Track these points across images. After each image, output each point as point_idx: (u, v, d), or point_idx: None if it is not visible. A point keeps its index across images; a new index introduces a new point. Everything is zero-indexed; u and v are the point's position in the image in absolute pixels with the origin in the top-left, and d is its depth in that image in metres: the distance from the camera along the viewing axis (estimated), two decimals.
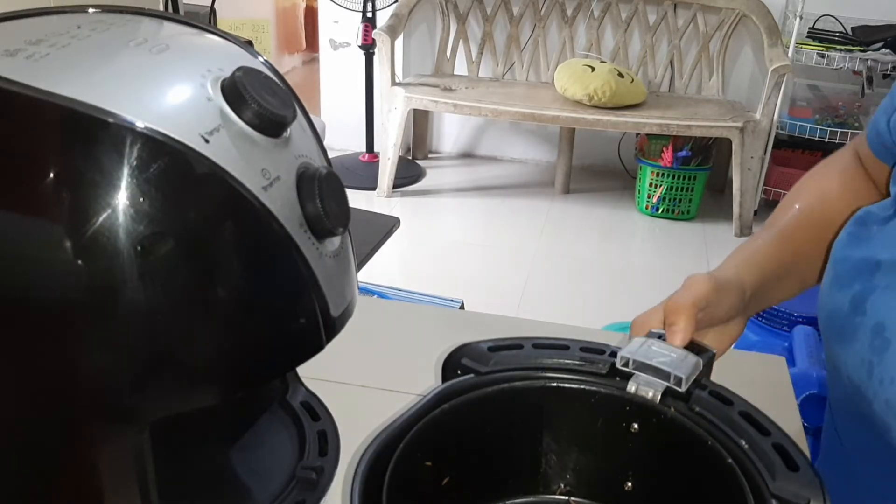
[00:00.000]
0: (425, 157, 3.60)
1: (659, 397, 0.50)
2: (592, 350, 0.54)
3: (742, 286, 0.64)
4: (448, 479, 0.51)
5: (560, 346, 0.54)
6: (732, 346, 0.67)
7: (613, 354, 0.53)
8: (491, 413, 0.52)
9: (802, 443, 0.65)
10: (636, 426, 0.52)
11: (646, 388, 0.51)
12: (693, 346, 0.55)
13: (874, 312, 0.58)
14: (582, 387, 0.52)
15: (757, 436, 0.46)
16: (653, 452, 0.52)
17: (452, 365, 0.53)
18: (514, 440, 0.54)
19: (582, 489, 0.55)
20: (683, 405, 0.50)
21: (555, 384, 0.52)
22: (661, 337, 0.56)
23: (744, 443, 0.46)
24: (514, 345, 0.54)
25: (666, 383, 0.50)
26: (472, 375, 0.52)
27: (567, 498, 0.55)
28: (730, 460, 0.45)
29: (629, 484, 0.54)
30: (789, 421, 0.73)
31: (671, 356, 0.52)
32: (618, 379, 0.52)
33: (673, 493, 0.51)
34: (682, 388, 0.50)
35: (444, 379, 0.53)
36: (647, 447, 0.52)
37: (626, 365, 0.52)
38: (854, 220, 0.65)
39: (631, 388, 0.51)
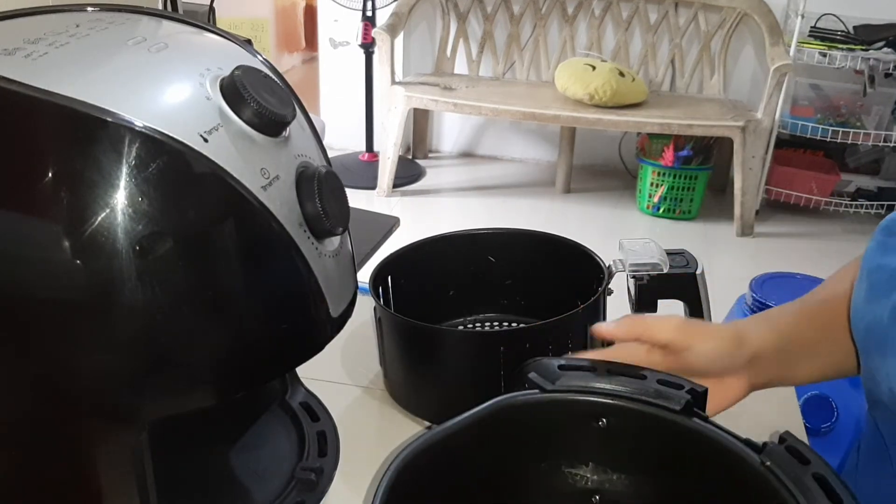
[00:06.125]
0: (425, 157, 3.60)
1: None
2: (670, 384, 0.50)
3: (739, 336, 0.61)
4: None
5: (635, 375, 0.51)
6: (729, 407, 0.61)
7: (692, 391, 0.49)
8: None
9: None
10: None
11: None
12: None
13: None
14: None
15: None
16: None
17: (520, 377, 0.51)
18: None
19: None
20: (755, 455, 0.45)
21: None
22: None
23: None
24: (587, 367, 0.52)
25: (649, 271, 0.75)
26: (536, 391, 0.50)
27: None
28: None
29: None
30: (791, 422, 0.73)
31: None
32: (694, 419, 0.48)
33: None
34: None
35: (508, 389, 0.51)
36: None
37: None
38: (880, 229, 0.62)
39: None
